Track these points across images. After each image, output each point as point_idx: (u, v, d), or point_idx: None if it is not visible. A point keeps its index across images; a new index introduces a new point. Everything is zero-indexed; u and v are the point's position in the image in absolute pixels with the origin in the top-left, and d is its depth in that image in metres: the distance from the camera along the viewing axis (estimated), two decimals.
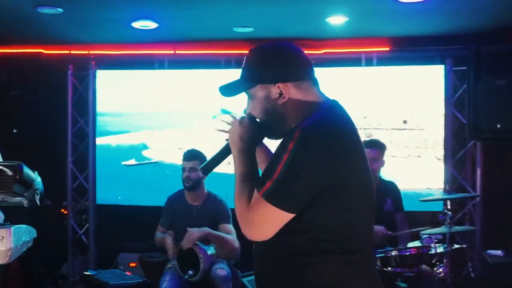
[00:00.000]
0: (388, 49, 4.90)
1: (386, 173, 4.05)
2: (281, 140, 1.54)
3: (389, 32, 4.72)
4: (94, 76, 5.21)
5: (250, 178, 1.54)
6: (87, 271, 3.71)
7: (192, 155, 3.79)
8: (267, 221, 1.47)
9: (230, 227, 3.67)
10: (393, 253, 3.06)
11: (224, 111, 1.77)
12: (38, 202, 2.35)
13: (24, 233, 2.45)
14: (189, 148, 3.95)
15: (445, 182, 4.76)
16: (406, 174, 4.83)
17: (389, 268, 3.15)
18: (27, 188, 2.21)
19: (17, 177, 2.07)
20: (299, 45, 1.65)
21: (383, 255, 3.10)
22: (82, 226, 5.40)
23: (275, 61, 1.57)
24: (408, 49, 4.87)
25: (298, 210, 1.44)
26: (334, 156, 1.43)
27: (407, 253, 3.06)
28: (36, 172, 2.30)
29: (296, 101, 1.55)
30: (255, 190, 1.49)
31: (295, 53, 1.59)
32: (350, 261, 1.49)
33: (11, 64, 5.06)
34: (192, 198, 3.86)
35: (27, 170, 2.16)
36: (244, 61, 1.62)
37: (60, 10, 3.72)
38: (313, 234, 1.48)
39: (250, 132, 1.60)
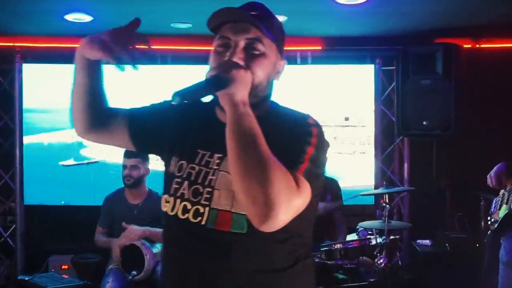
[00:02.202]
0: (320, 48, 5.06)
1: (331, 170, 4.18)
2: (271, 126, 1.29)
3: (323, 32, 4.86)
4: (20, 70, 4.94)
5: (258, 143, 1.20)
6: (19, 276, 3.52)
7: (133, 153, 3.72)
8: (300, 206, 1.23)
9: None
10: (337, 246, 3.18)
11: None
12: None
13: None
14: None
15: (375, 177, 5.01)
16: (350, 171, 5.02)
17: (333, 261, 3.27)
18: None
19: None
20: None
21: (327, 248, 3.22)
22: (7, 229, 5.12)
23: (284, 34, 1.45)
24: (341, 49, 5.06)
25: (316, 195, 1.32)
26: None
27: (350, 246, 3.19)
28: None
29: (273, 88, 1.43)
30: (295, 170, 1.24)
31: None
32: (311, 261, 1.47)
33: None
34: (132, 197, 3.78)
35: None
36: (260, 7, 1.38)
37: None
38: (294, 240, 1.35)
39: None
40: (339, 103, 5.03)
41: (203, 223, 1.35)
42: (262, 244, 1.32)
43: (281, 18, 4.19)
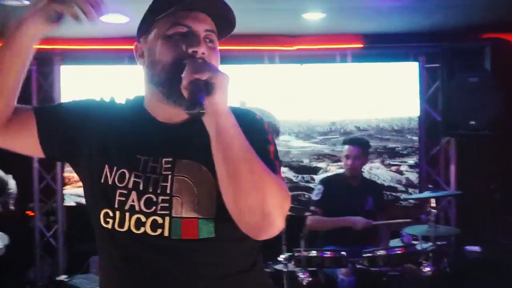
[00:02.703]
0: (361, 46, 4.90)
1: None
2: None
3: (363, 29, 4.70)
4: (60, 72, 5.00)
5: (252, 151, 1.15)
6: (59, 277, 3.54)
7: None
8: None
9: None
10: (380, 252, 3.04)
11: None
12: (12, 206, 2.23)
13: None
14: None
15: (420, 179, 4.81)
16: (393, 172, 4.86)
17: (375, 268, 3.14)
18: (0, 193, 2.10)
19: None
20: (270, 41, 1.53)
21: (370, 255, 3.08)
22: (50, 228, 5.20)
23: None
24: (382, 46, 4.88)
25: None
26: None
27: (394, 252, 3.04)
28: (11, 176, 2.18)
29: None
30: (274, 172, 1.18)
31: None
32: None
33: None
34: None
35: (1, 174, 2.05)
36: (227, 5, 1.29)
37: (26, 2, 3.53)
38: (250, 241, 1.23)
39: None
40: (380, 103, 4.85)
41: (166, 234, 1.22)
42: (228, 246, 1.26)
43: (319, 16, 4.07)
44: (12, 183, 2.14)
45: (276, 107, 4.57)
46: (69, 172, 5.13)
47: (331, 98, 4.77)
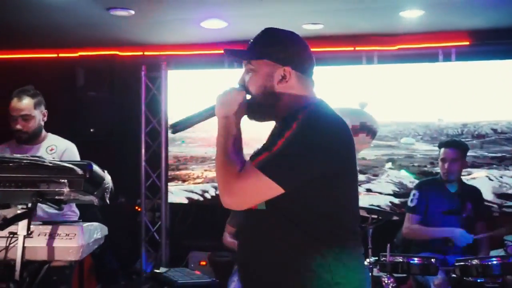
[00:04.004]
0: (468, 43, 4.62)
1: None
2: (278, 126, 1.62)
3: (468, 25, 4.43)
4: (166, 77, 5.30)
5: (239, 147, 1.56)
6: (158, 269, 3.76)
7: None
8: (255, 191, 1.49)
9: None
10: (474, 261, 2.84)
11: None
12: (108, 200, 2.39)
13: (96, 231, 2.50)
14: None
15: None
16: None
17: (470, 278, 2.94)
18: (97, 186, 2.25)
19: (87, 176, 2.11)
20: (371, 41, 1.63)
21: (462, 263, 2.90)
22: (154, 224, 5.52)
23: (292, 46, 1.62)
24: (491, 43, 4.56)
25: (288, 187, 1.47)
26: (330, 147, 1.49)
27: (490, 262, 2.83)
28: (106, 171, 2.34)
29: (293, 90, 1.60)
30: (249, 160, 1.53)
31: (308, 49, 1.65)
32: (337, 251, 1.51)
33: (88, 66, 5.25)
34: None
35: (96, 169, 2.20)
36: (256, 36, 1.66)
37: (132, 12, 3.80)
38: (307, 224, 1.51)
39: (241, 103, 1.62)
40: (487, 103, 4.53)
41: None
42: (276, 220, 1.54)
43: (417, 13, 3.92)
44: (108, 178, 2.29)
45: (395, 107, 4.42)
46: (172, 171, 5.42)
47: (431, 100, 4.55)
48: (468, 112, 4.57)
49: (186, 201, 5.36)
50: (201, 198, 5.30)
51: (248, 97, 1.63)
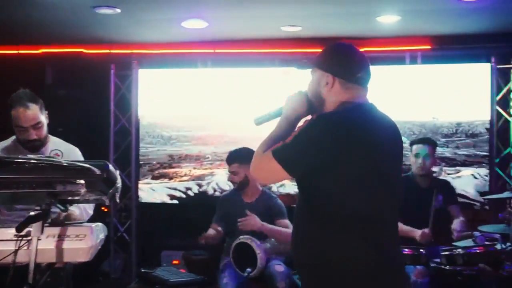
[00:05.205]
0: (430, 47, 4.90)
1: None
2: None
3: (432, 30, 4.71)
4: (137, 75, 5.25)
5: (278, 139, 1.84)
6: (145, 269, 3.74)
7: (231, 159, 3.84)
8: (268, 170, 1.83)
9: (287, 221, 3.69)
10: (459, 251, 3.05)
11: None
12: (118, 199, 2.39)
13: (101, 231, 2.50)
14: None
15: (491, 181, 4.77)
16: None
17: (449, 267, 3.14)
18: (111, 186, 2.25)
19: (104, 175, 2.12)
20: None
21: (448, 253, 3.11)
22: (123, 224, 5.45)
23: (334, 56, 1.89)
24: (452, 47, 4.87)
25: (293, 171, 1.79)
26: (333, 140, 1.71)
27: (473, 251, 3.05)
28: (118, 171, 2.34)
29: (336, 95, 1.85)
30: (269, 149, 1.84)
31: (355, 59, 1.89)
32: (356, 235, 1.74)
33: (56, 64, 5.12)
34: (246, 195, 3.88)
35: (111, 169, 2.20)
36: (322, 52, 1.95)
37: (118, 10, 3.76)
38: (316, 207, 1.79)
39: (303, 103, 1.90)
40: (450, 104, 4.83)
41: None
42: (302, 208, 1.90)
43: (393, 19, 4.12)
44: (119, 179, 2.30)
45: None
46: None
47: (400, 100, 4.77)
48: (462, 112, 4.80)
49: (167, 199, 5.35)
50: (184, 196, 5.30)
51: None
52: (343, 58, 1.89)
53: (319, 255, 1.78)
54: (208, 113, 5.19)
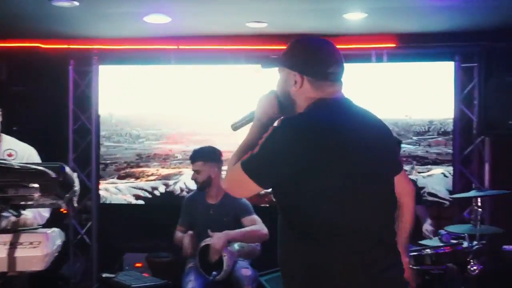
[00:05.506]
0: (394, 45, 4.90)
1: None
2: None
3: (398, 29, 4.71)
4: (97, 72, 5.06)
5: (249, 147, 1.69)
6: (105, 274, 3.59)
7: (195, 157, 3.72)
8: (238, 183, 1.69)
9: (254, 216, 3.60)
10: (427, 251, 3.04)
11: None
12: (76, 204, 2.26)
13: (57, 237, 2.36)
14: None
15: (454, 179, 4.81)
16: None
17: (417, 267, 3.14)
18: (67, 190, 2.12)
19: (60, 179, 1.99)
20: None
21: (417, 253, 3.09)
22: (83, 226, 5.27)
23: (301, 53, 1.72)
24: (417, 46, 4.88)
25: (263, 184, 1.64)
26: (302, 147, 1.56)
27: (441, 251, 3.05)
28: (75, 174, 2.21)
29: (306, 94, 1.70)
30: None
31: (323, 53, 1.71)
32: (329, 247, 1.59)
33: (11, 59, 4.89)
34: (210, 196, 3.77)
35: (69, 171, 2.08)
36: (287, 48, 1.80)
37: (76, 3, 3.59)
38: (292, 219, 1.67)
39: (273, 104, 1.78)
40: (415, 102, 4.84)
41: None
42: (281, 214, 1.74)
43: (360, 16, 4.09)
44: (77, 182, 2.17)
45: None
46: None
47: (366, 98, 4.73)
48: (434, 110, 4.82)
49: (132, 199, 5.18)
50: (150, 196, 5.15)
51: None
52: (310, 54, 1.72)
53: (298, 270, 1.65)
54: (177, 111, 5.05)
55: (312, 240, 1.61)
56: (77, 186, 2.22)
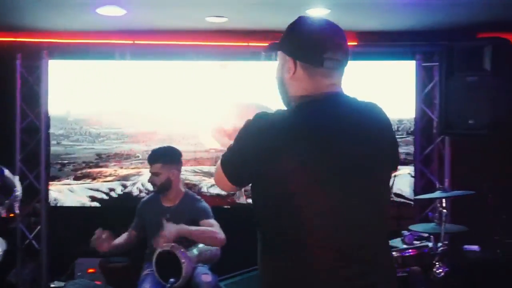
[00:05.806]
0: (356, 43, 4.84)
1: None
2: None
3: (360, 27, 4.64)
4: (47, 67, 4.78)
5: None
6: (50, 284, 3.35)
7: (153, 158, 3.53)
8: (217, 176, 1.58)
9: (212, 221, 3.44)
10: (394, 254, 2.97)
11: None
12: (17, 210, 2.07)
13: None
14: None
15: (415, 179, 4.80)
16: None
17: None
18: (7, 195, 1.94)
19: None
20: (272, 37, 1.61)
21: None
22: (31, 230, 4.97)
23: (296, 35, 1.56)
24: (377, 44, 4.84)
25: (237, 182, 1.54)
26: (270, 148, 1.41)
27: (407, 254, 2.98)
28: (17, 177, 2.02)
29: (299, 83, 1.54)
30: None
31: (320, 35, 1.53)
32: (301, 257, 1.43)
33: None
34: (166, 200, 3.60)
35: (8, 175, 1.89)
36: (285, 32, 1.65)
37: None
38: (263, 228, 1.53)
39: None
40: (379, 101, 4.78)
41: None
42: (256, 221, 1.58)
43: (323, 12, 3.99)
44: (18, 185, 1.97)
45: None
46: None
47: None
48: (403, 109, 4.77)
49: (87, 200, 4.91)
50: (106, 197, 4.89)
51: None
52: (305, 36, 1.53)
53: (274, 282, 1.50)
54: (138, 109, 4.81)
55: (283, 253, 1.46)
56: (19, 191, 2.03)
